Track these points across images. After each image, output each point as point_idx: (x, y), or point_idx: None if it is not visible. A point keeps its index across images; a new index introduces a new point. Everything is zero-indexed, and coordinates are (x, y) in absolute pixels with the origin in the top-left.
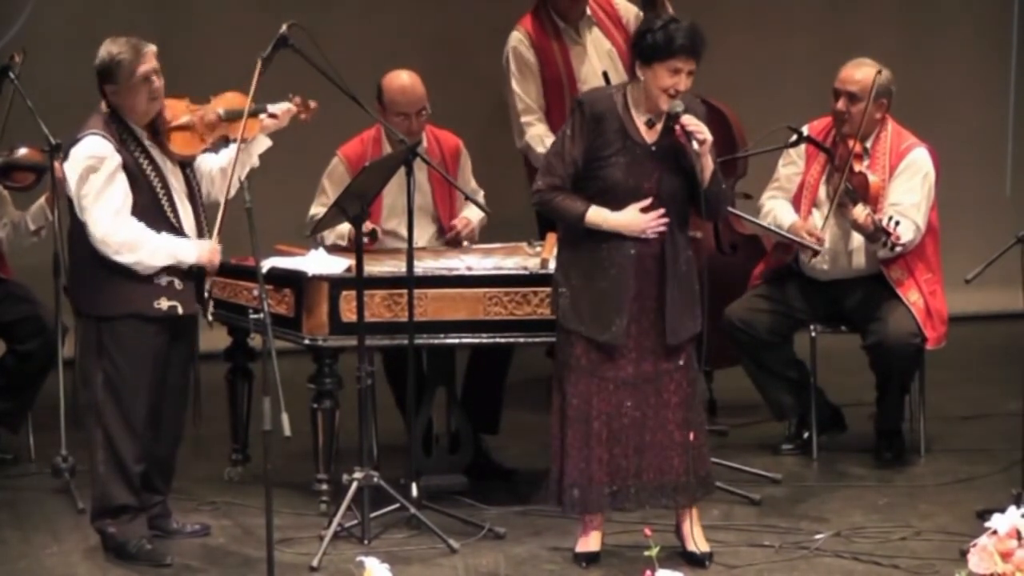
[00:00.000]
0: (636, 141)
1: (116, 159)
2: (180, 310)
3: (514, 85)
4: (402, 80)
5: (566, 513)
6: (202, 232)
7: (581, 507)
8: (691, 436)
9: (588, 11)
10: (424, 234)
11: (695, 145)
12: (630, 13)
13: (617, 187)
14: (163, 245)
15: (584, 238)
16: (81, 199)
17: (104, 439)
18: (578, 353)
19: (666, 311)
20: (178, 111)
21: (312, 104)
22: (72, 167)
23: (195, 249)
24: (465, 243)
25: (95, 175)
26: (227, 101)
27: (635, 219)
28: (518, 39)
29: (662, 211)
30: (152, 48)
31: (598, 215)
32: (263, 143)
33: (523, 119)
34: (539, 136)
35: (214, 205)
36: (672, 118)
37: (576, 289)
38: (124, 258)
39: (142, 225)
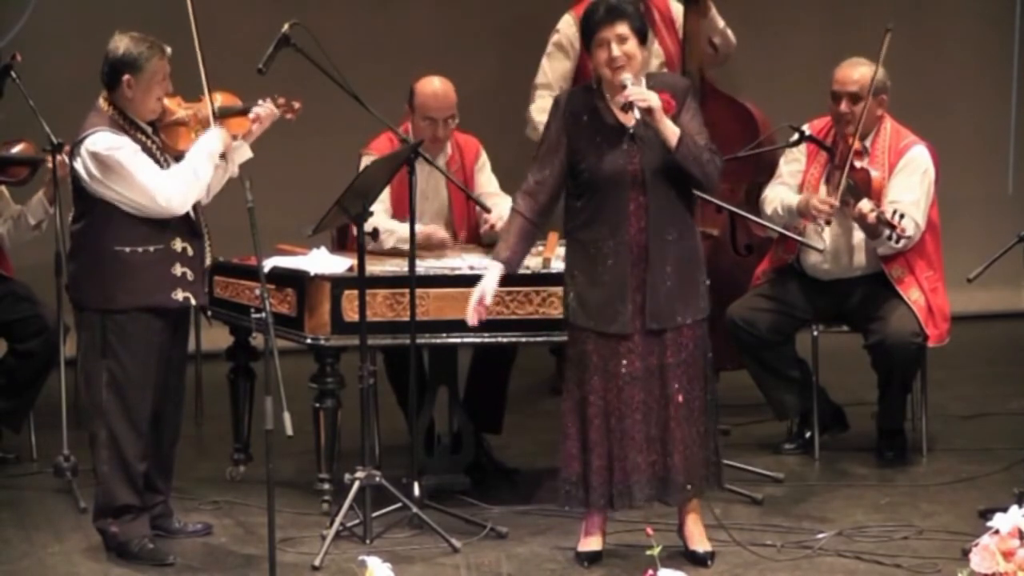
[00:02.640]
0: (613, 127)
1: (133, 145)
2: (193, 301)
3: (544, 60)
4: (435, 85)
5: (592, 510)
6: (199, 224)
7: (604, 503)
8: (682, 400)
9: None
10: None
11: (636, 113)
12: (680, 14)
13: (603, 174)
14: (198, 156)
15: (578, 234)
16: (119, 183)
17: (108, 439)
18: (589, 350)
19: (646, 292)
20: (173, 108)
21: (296, 104)
22: (87, 162)
23: (218, 136)
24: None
25: (118, 159)
26: (217, 99)
27: (471, 302)
28: (568, 22)
29: (485, 308)
30: (170, 50)
31: (488, 272)
32: (244, 153)
33: (537, 91)
34: (542, 108)
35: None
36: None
37: (580, 286)
38: (186, 203)
39: (177, 166)
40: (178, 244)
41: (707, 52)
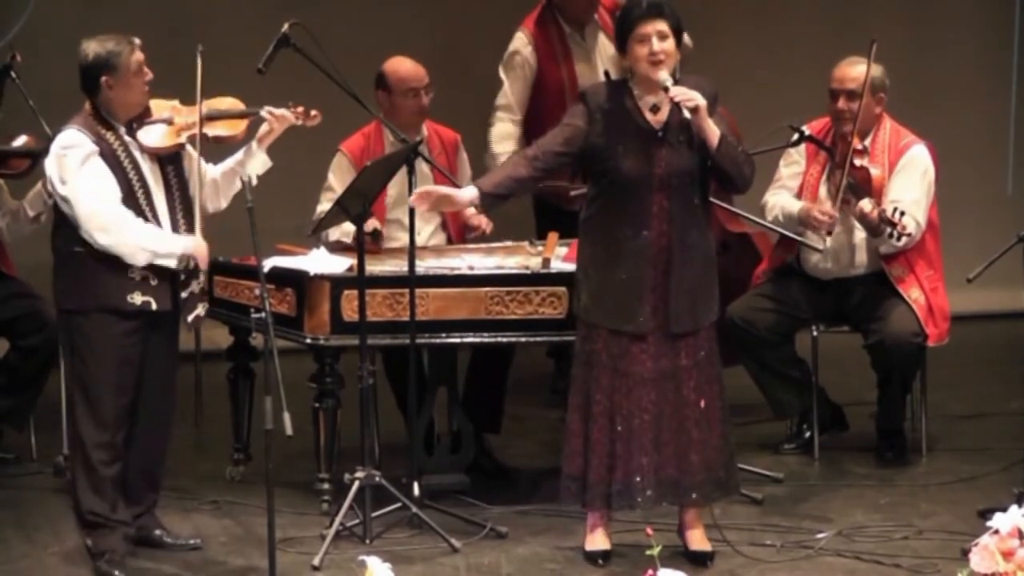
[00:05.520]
0: (642, 127)
1: (90, 147)
2: (154, 306)
3: (505, 81)
4: (404, 60)
5: (590, 509)
6: (177, 229)
7: (600, 503)
8: (701, 403)
9: (595, 16)
10: (428, 226)
11: (686, 113)
12: None
13: (628, 175)
14: (148, 230)
15: (597, 232)
16: (61, 185)
17: (76, 442)
18: (599, 348)
19: (670, 296)
20: (161, 108)
21: (314, 113)
22: (49, 160)
23: (182, 240)
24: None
25: (68, 160)
26: (215, 103)
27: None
28: (521, 41)
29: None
30: (139, 42)
31: (464, 189)
32: (263, 162)
33: (498, 113)
34: (500, 134)
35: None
36: (667, 95)
37: (596, 283)
38: (108, 238)
39: (130, 212)
40: None
41: None
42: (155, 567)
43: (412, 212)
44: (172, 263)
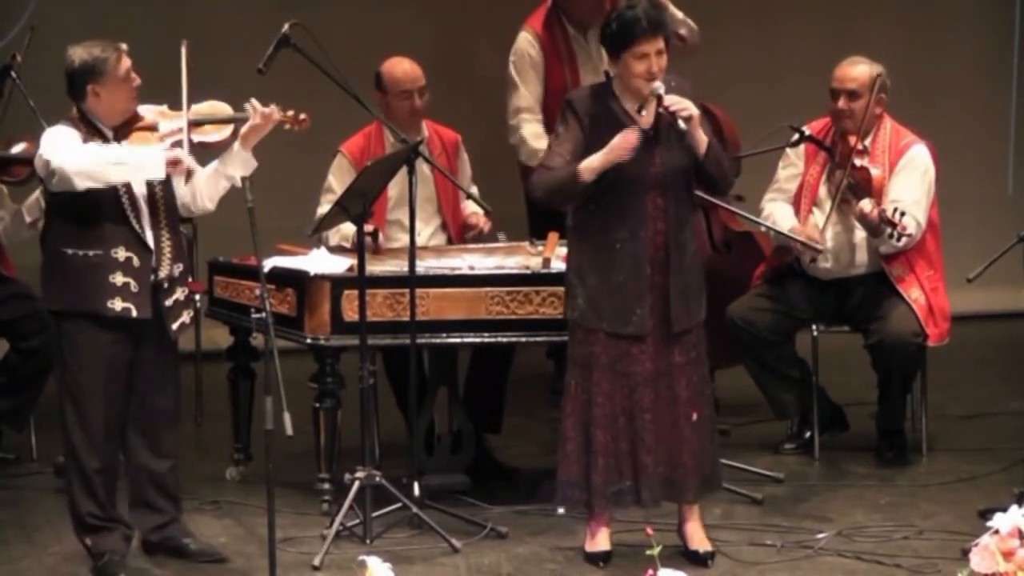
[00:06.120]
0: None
1: (76, 134)
2: (134, 313)
3: (517, 82)
4: (401, 61)
5: (598, 511)
6: (159, 237)
7: (613, 504)
8: (694, 416)
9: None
10: (429, 224)
11: (681, 124)
12: None
13: (624, 176)
14: (122, 146)
15: (593, 235)
16: (42, 158)
17: (68, 448)
18: (598, 352)
19: (670, 295)
20: (148, 114)
21: (303, 117)
22: (38, 154)
23: (157, 151)
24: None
25: (54, 139)
26: (202, 108)
27: (620, 140)
28: (527, 40)
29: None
30: (126, 47)
31: (589, 163)
32: (248, 163)
33: (522, 115)
34: (534, 133)
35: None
36: (657, 101)
37: (593, 287)
38: (85, 159)
39: (98, 144)
40: (121, 253)
41: (676, 45)
42: (155, 567)
43: (412, 212)
44: (160, 173)
